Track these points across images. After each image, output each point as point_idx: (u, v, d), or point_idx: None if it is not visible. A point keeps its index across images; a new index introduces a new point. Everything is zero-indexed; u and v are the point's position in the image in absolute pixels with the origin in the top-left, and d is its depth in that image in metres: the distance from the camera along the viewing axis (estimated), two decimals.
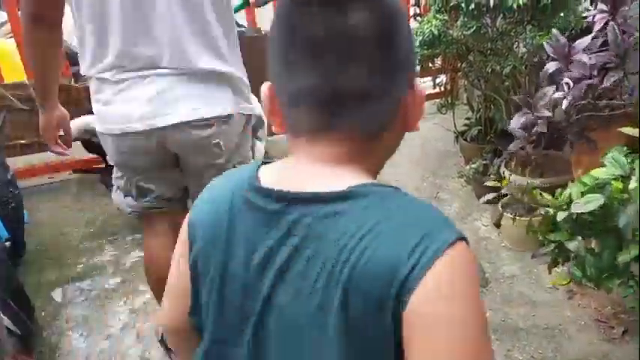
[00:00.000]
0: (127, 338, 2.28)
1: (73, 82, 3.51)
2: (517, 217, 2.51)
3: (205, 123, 1.61)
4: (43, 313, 2.45)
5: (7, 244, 2.37)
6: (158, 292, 1.99)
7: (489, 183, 2.75)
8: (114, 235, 3.01)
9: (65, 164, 3.64)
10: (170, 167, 1.76)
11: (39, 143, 3.46)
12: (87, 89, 3.15)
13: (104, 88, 1.59)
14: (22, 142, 3.47)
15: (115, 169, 1.84)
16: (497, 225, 2.31)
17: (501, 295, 2.31)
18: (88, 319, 2.41)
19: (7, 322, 1.95)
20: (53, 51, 1.64)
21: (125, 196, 1.83)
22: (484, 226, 2.79)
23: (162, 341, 2.18)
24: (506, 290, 2.33)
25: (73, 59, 3.69)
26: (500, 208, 2.62)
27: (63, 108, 1.81)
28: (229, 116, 1.66)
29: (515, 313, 2.19)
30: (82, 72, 1.66)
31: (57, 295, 2.58)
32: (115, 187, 1.88)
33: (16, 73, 3.52)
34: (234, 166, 1.80)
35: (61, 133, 1.85)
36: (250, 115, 1.75)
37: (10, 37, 3.88)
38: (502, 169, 2.75)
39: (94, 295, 2.56)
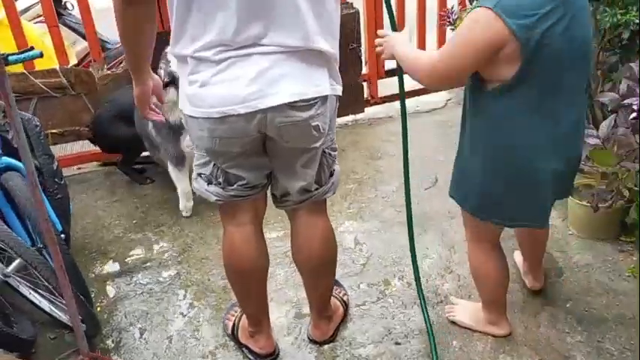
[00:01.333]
0: (191, 333, 2.19)
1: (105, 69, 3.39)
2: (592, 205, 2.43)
3: (306, 104, 1.53)
4: (98, 309, 2.35)
5: (62, 236, 2.26)
6: (240, 287, 1.91)
7: None
8: (159, 227, 2.90)
9: (92, 154, 3.53)
10: (260, 152, 1.67)
11: (71, 132, 3.37)
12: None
13: (201, 68, 1.49)
14: (53, 131, 3.35)
15: (197, 155, 1.74)
16: (596, 209, 2.19)
17: (579, 284, 2.24)
18: (148, 314, 2.32)
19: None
20: (150, 26, 1.54)
21: (209, 183, 1.74)
22: None
23: (233, 335, 2.14)
24: (584, 280, 2.26)
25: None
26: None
27: (155, 75, 1.74)
28: (326, 97, 1.57)
29: (598, 303, 2.13)
30: (172, 51, 1.56)
31: (110, 289, 2.48)
32: (195, 174, 1.78)
33: (45, 58, 3.38)
34: (324, 152, 1.71)
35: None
36: (339, 96, 1.66)
37: (38, 22, 3.75)
38: None
39: (150, 289, 2.46)
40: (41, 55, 2.36)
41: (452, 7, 2.86)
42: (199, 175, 1.77)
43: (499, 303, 1.99)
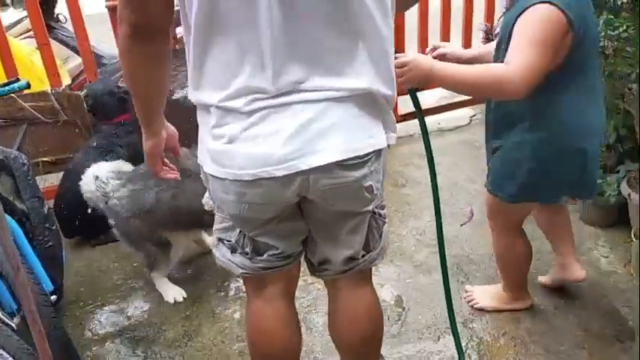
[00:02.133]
0: None
1: None
2: None
3: (359, 161, 1.22)
4: None
5: (53, 297, 1.93)
6: None
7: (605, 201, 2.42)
8: None
9: None
10: (296, 216, 1.36)
11: (64, 160, 3.03)
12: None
13: (229, 120, 1.18)
14: (44, 159, 3.03)
15: (218, 217, 1.42)
16: None
17: None
18: None
19: None
20: (163, 67, 1.23)
21: (232, 251, 1.42)
22: (604, 257, 2.41)
23: None
24: None
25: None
26: (633, 236, 2.25)
27: (170, 125, 1.45)
28: (381, 151, 1.25)
29: None
30: (191, 97, 1.24)
31: (110, 352, 2.14)
32: (217, 241, 1.46)
33: (34, 80, 3.05)
34: (374, 212, 1.39)
35: None
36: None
37: (27, 37, 3.41)
38: (623, 186, 2.37)
39: (158, 350, 2.13)
40: (28, 87, 2.03)
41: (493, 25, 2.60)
42: (221, 240, 1.44)
43: (523, 280, 2.12)
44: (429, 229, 2.67)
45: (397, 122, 4.31)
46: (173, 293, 2.38)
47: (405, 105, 3.45)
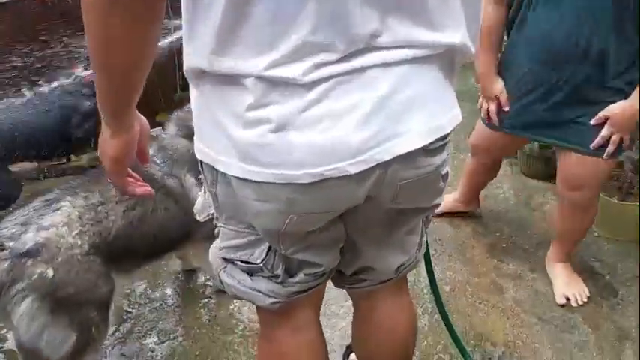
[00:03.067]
0: None
1: None
2: (618, 201, 2.12)
3: (443, 143, 0.92)
4: None
5: None
6: None
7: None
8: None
9: None
10: (337, 220, 1.02)
11: None
12: None
13: (277, 97, 0.80)
14: None
15: (229, 232, 1.04)
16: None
17: None
18: None
19: None
20: (159, 17, 0.79)
21: (252, 274, 1.05)
22: None
23: None
24: None
25: None
26: None
27: (141, 115, 0.98)
28: (455, 128, 0.96)
29: None
30: (210, 66, 0.83)
31: None
32: (223, 263, 1.08)
33: None
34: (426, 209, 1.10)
35: None
36: None
37: None
38: None
39: None
40: None
41: None
42: (231, 262, 1.06)
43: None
44: None
45: None
46: None
47: None
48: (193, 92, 0.91)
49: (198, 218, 1.11)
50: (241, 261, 1.05)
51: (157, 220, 1.63)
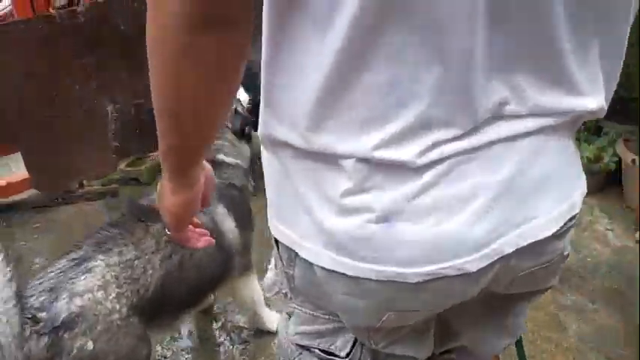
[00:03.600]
0: None
1: None
2: None
3: (572, 223, 0.77)
4: None
5: None
6: None
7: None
8: None
9: None
10: None
11: None
12: None
13: (382, 182, 0.66)
14: None
15: (307, 317, 0.89)
16: None
17: None
18: None
19: None
20: (239, 70, 0.66)
21: None
22: (609, 230, 2.22)
23: None
24: None
25: None
26: None
27: (206, 163, 0.84)
28: None
29: None
30: (300, 142, 0.68)
31: None
32: (298, 350, 0.93)
33: None
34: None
35: None
36: None
37: None
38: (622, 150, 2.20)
39: None
40: None
41: None
42: (308, 349, 0.92)
43: None
44: None
45: None
46: None
47: None
48: (271, 161, 0.77)
49: (267, 294, 0.96)
50: (320, 349, 0.90)
51: (196, 263, 1.50)
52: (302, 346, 0.93)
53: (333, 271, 0.72)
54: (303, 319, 0.90)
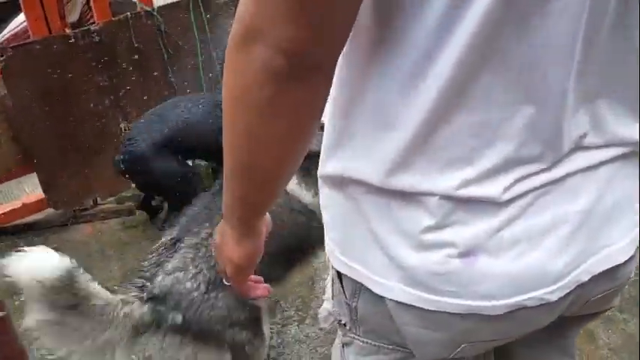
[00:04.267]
0: None
1: None
2: None
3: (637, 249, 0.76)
4: None
5: None
6: None
7: None
8: None
9: None
10: None
11: None
12: None
13: (465, 217, 0.65)
14: None
15: (364, 347, 0.88)
16: None
17: None
18: None
19: None
20: (315, 123, 0.63)
21: None
22: None
23: None
24: None
25: None
26: None
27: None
28: None
29: None
30: (380, 182, 0.66)
31: None
32: None
33: None
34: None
35: None
36: None
37: None
38: None
39: None
40: None
41: None
42: None
43: None
44: None
45: None
46: None
47: None
48: (335, 198, 0.75)
49: (322, 325, 0.95)
50: None
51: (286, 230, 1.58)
52: None
53: (409, 305, 0.71)
54: (363, 349, 0.88)
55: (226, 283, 0.85)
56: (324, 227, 0.81)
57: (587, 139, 0.66)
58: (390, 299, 0.72)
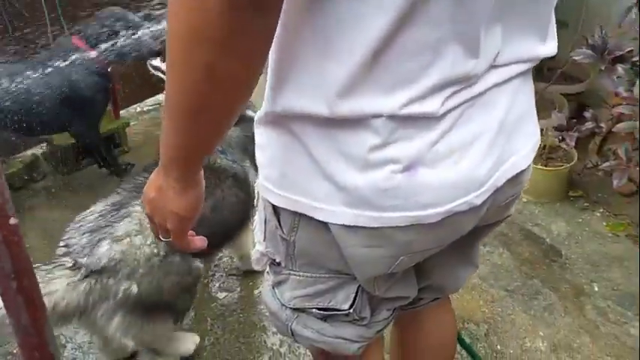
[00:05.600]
0: None
1: None
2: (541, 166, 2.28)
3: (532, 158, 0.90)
4: None
5: None
6: None
7: None
8: None
9: None
10: None
11: None
12: None
13: (407, 134, 0.72)
14: None
15: (306, 280, 0.92)
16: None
17: (590, 261, 2.07)
18: None
19: None
20: (266, 55, 0.66)
21: (325, 320, 0.95)
22: None
23: None
24: (594, 255, 2.09)
25: None
26: None
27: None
28: None
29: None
30: (329, 109, 0.70)
31: None
32: (294, 314, 0.96)
33: None
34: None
35: None
36: None
37: None
38: None
39: None
40: None
41: None
42: (304, 311, 0.95)
43: None
44: None
45: None
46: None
47: None
48: (273, 137, 0.78)
49: (255, 267, 0.97)
50: (318, 308, 0.93)
51: (227, 208, 1.61)
52: (297, 309, 0.95)
53: (354, 226, 0.76)
54: (301, 283, 0.92)
55: (163, 239, 0.83)
56: (258, 168, 0.83)
57: (499, 58, 0.75)
58: (334, 223, 0.76)
